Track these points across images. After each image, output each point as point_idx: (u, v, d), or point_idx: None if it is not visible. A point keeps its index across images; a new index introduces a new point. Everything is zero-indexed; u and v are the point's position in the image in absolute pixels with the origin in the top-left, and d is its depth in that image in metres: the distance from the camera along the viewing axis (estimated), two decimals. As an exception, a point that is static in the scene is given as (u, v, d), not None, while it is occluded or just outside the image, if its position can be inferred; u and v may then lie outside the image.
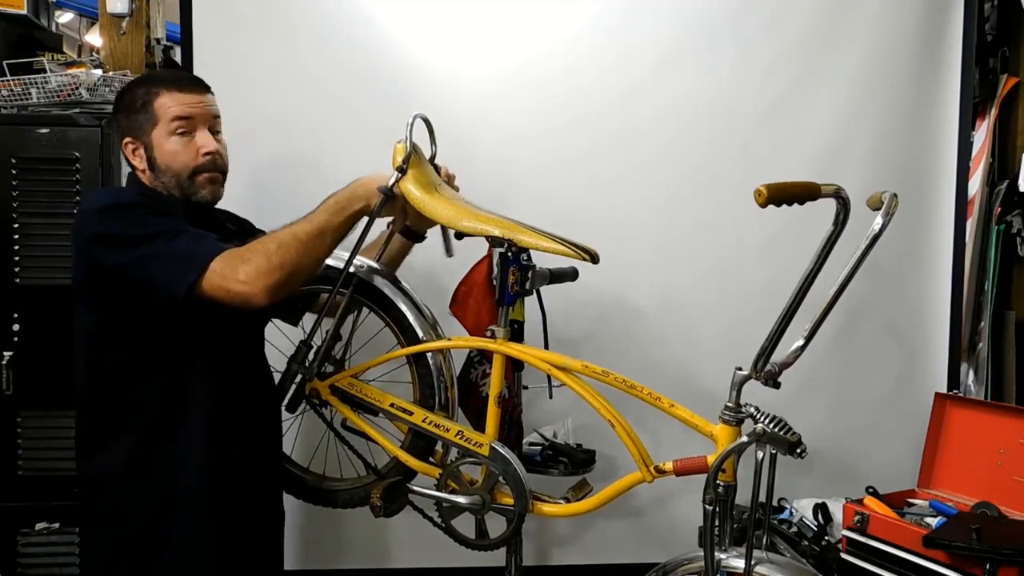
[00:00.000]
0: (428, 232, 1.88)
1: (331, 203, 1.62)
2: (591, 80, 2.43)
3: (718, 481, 1.47)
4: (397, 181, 1.70)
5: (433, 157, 1.94)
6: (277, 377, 1.90)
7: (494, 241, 1.73)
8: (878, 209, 1.36)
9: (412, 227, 1.82)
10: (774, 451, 1.42)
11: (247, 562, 1.72)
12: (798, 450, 1.39)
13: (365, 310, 1.94)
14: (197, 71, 2.25)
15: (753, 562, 1.45)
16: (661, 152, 2.45)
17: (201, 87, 1.68)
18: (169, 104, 1.61)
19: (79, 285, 1.60)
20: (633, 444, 1.64)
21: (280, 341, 1.98)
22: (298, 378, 1.88)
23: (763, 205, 1.32)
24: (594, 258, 1.67)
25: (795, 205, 1.37)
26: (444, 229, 1.84)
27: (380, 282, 1.87)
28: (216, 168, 1.67)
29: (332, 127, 2.38)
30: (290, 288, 1.56)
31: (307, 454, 2.06)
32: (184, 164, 1.61)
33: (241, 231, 1.85)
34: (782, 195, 1.33)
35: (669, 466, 1.58)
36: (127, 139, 1.64)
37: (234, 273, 1.46)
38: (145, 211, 1.55)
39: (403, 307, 1.85)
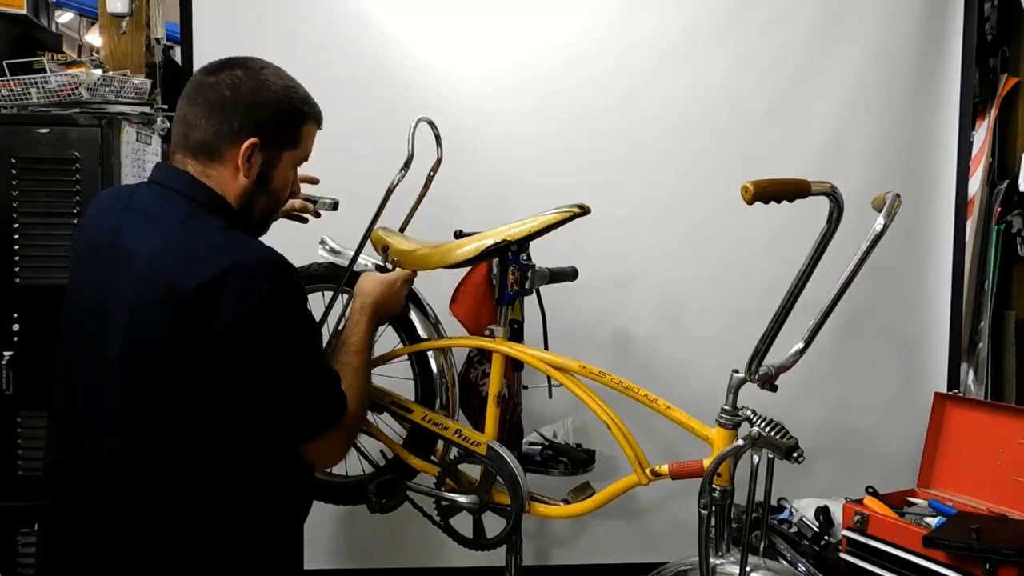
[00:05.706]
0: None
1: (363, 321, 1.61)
2: (592, 79, 2.43)
3: (714, 485, 1.45)
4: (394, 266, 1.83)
5: (439, 162, 1.93)
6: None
7: (491, 252, 1.73)
8: (881, 210, 1.33)
9: None
10: (771, 455, 1.39)
11: None
12: (795, 454, 1.36)
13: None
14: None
15: (748, 569, 1.43)
16: (661, 152, 2.45)
17: None
18: (311, 137, 1.56)
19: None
20: (629, 446, 1.62)
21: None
22: None
23: (750, 202, 1.28)
24: (584, 210, 1.68)
25: (795, 205, 1.34)
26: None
27: None
28: None
29: (333, 126, 2.36)
30: None
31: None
32: (287, 193, 1.56)
33: None
34: (770, 192, 1.29)
35: (665, 469, 1.56)
36: (253, 139, 1.39)
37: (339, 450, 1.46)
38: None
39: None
